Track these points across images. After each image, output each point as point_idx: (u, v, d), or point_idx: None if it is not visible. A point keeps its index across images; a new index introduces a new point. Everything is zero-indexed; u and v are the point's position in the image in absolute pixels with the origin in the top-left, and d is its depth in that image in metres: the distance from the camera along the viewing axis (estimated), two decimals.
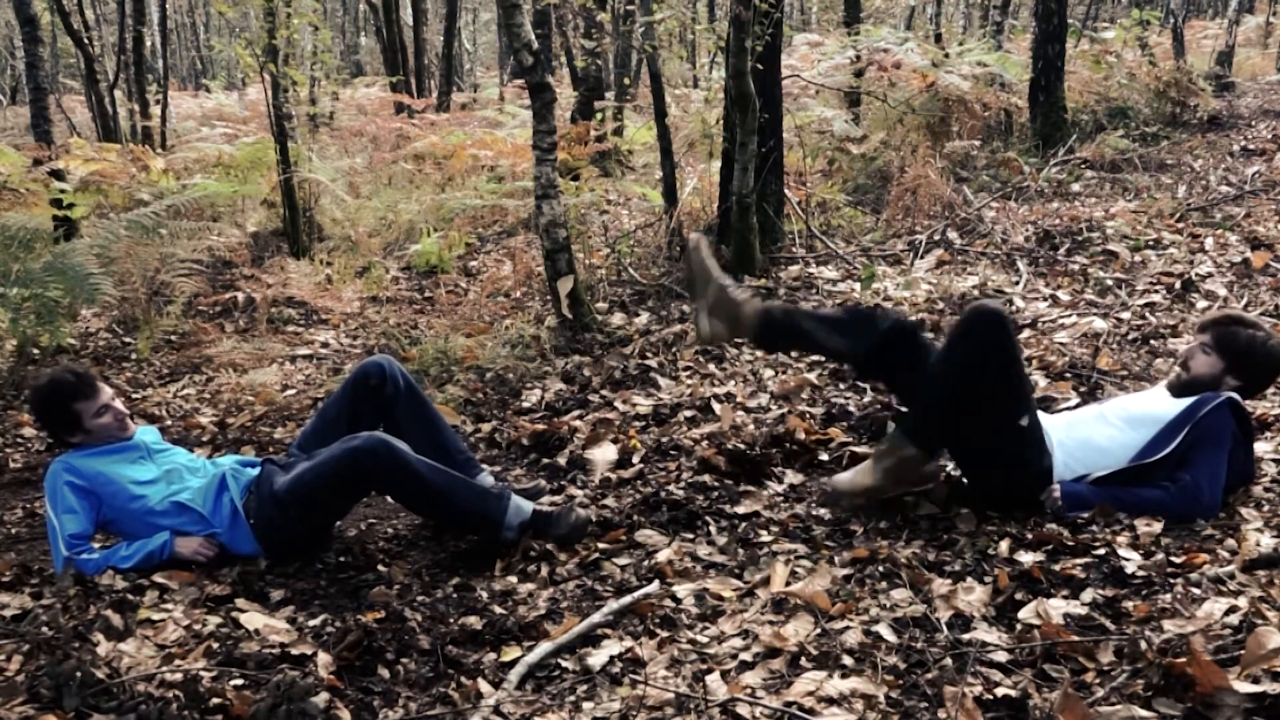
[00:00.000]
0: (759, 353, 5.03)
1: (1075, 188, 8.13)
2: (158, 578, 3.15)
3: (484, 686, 2.51)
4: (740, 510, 3.42)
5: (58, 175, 7.88)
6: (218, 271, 7.99)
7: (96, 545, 3.35)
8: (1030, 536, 2.98)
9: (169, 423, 5.04)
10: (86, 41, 11.76)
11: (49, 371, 3.46)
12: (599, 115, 11.43)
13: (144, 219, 6.68)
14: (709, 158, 7.54)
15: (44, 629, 2.66)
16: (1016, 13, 17.76)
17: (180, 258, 6.82)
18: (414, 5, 16.36)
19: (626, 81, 14.39)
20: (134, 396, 5.53)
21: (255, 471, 3.50)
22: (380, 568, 3.27)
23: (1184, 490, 3.03)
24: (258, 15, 8.04)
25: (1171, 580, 2.66)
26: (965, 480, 3.38)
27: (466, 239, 8.59)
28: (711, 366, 4.92)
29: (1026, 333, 4.89)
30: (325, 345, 6.36)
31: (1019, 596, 2.66)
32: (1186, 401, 3.16)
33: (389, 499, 3.64)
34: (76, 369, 3.44)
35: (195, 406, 5.34)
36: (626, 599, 2.83)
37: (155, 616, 2.90)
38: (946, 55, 10.37)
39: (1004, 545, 2.94)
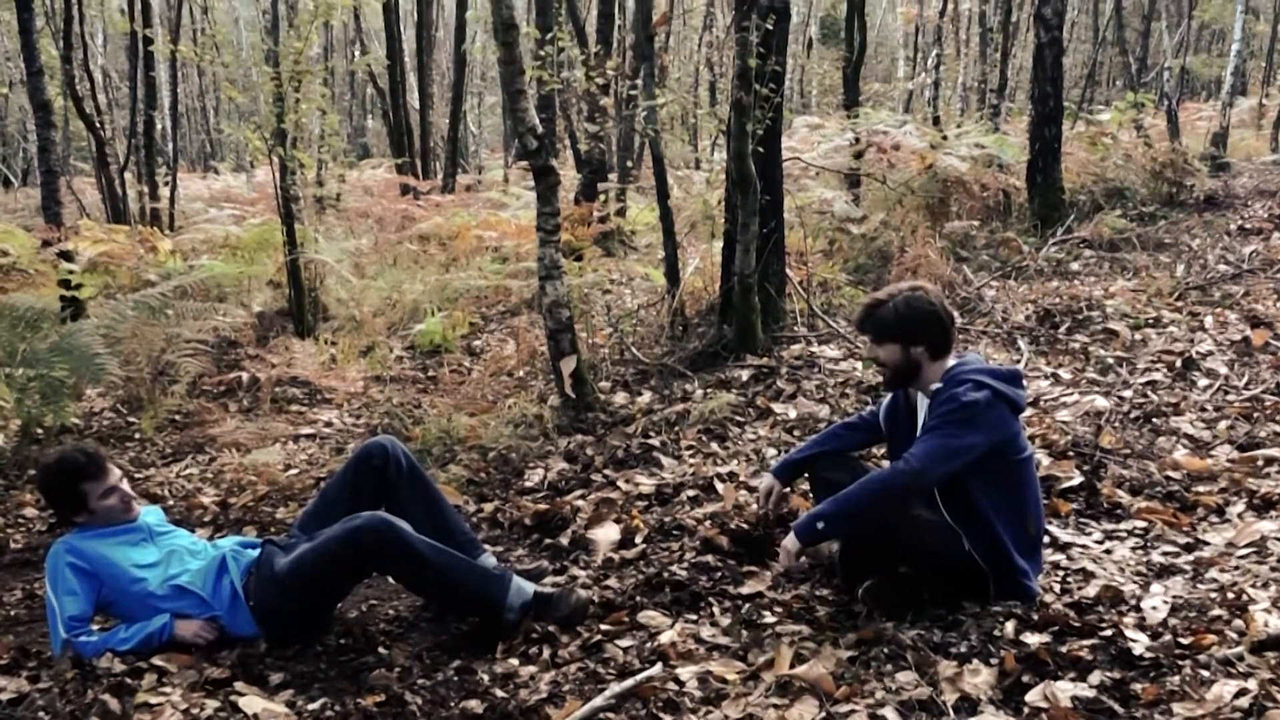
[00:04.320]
0: (761, 431, 5.04)
1: (1074, 267, 8.21)
2: (156, 660, 3.13)
3: None
4: (744, 591, 3.40)
5: (66, 256, 7.97)
6: (223, 351, 8.03)
7: (95, 627, 3.33)
8: (1036, 617, 2.96)
9: (171, 503, 5.04)
10: (98, 125, 11.99)
11: (58, 450, 3.46)
12: (602, 196, 11.58)
13: (150, 299, 6.74)
14: (711, 238, 7.62)
15: (41, 714, 2.64)
16: (1013, 95, 18.06)
17: (186, 338, 6.86)
18: (420, 89, 16.68)
19: (629, 163, 14.59)
20: (137, 476, 5.52)
21: (256, 553, 3.49)
22: (381, 650, 3.24)
23: (902, 461, 2.99)
24: (267, 100, 8.19)
25: (1180, 662, 2.63)
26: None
27: (470, 319, 8.65)
28: (714, 446, 4.92)
29: (1028, 411, 4.89)
30: (329, 425, 6.37)
31: (1026, 679, 2.64)
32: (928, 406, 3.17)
33: (390, 580, 3.63)
34: (86, 449, 3.43)
35: (198, 486, 5.34)
36: (629, 682, 2.80)
37: (153, 700, 2.88)
38: (945, 137, 10.55)
39: (1010, 626, 2.92)
